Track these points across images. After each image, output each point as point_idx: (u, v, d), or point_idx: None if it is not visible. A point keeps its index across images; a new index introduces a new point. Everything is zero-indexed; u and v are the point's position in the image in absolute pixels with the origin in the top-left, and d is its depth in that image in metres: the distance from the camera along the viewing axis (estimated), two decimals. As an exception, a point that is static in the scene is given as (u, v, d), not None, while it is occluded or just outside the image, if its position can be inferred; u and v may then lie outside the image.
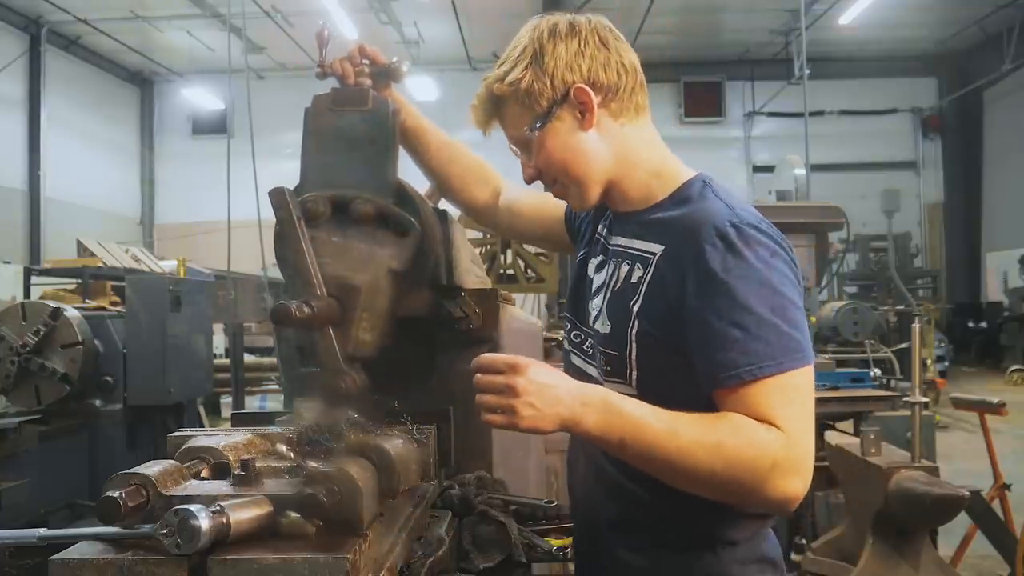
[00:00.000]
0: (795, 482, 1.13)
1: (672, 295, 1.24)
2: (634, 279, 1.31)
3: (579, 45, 1.30)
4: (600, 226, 1.49)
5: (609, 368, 1.33)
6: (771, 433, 1.13)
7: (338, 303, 1.40)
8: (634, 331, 1.28)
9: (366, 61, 1.62)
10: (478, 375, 1.17)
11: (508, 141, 1.41)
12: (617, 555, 1.39)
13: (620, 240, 1.39)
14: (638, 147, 1.36)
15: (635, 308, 1.28)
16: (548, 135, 1.32)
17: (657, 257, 1.29)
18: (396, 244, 1.49)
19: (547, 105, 1.31)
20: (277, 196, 1.41)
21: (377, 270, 1.46)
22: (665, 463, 1.14)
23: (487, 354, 1.19)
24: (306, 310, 1.31)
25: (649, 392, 1.25)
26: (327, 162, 1.54)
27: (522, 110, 1.33)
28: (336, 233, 1.47)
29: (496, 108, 1.37)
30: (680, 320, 1.22)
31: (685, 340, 1.22)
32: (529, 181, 1.41)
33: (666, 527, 1.33)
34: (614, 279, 1.37)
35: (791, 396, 1.16)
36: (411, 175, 1.69)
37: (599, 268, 1.44)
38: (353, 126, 1.55)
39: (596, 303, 1.41)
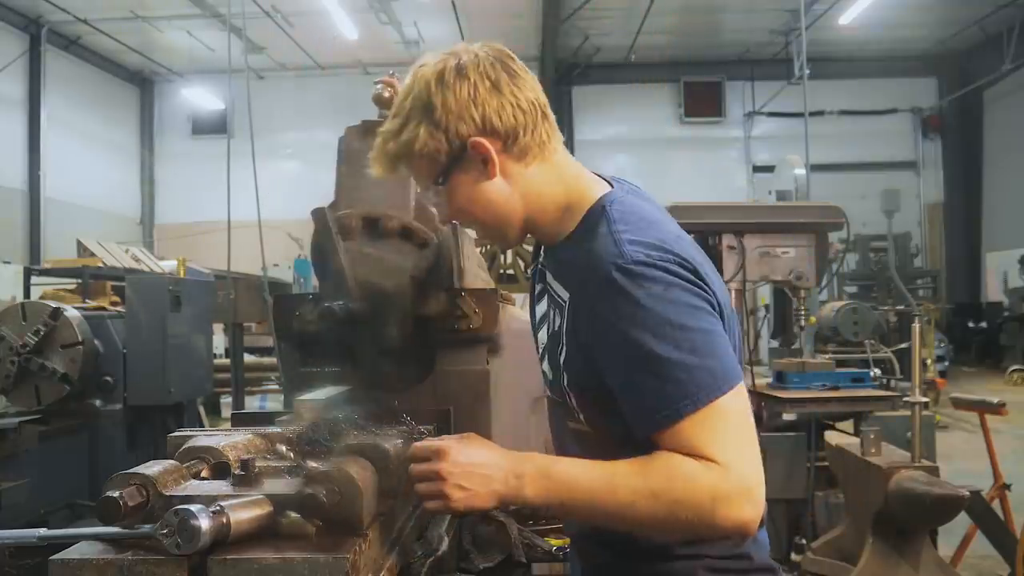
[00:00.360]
0: (743, 509, 1.11)
1: (585, 344, 1.23)
2: (557, 327, 1.31)
3: (469, 93, 1.23)
4: (541, 251, 1.47)
5: (563, 406, 1.34)
6: (705, 468, 1.11)
7: (369, 305, 1.68)
8: (565, 383, 1.29)
9: None
10: (411, 465, 1.19)
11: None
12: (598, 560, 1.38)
13: (549, 275, 1.38)
14: (544, 184, 1.31)
15: (562, 360, 1.29)
16: (453, 188, 1.29)
17: (567, 305, 1.28)
18: (417, 254, 1.74)
19: (446, 161, 1.26)
20: (318, 214, 1.70)
21: (401, 277, 1.72)
22: (609, 518, 1.17)
23: (418, 442, 1.21)
24: (346, 311, 1.62)
25: (601, 428, 1.27)
26: (359, 184, 1.79)
27: (423, 164, 1.27)
28: (367, 245, 1.74)
29: (396, 163, 1.30)
30: (591, 371, 1.23)
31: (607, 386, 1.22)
32: (446, 223, 1.44)
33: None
34: (549, 319, 1.37)
35: (718, 425, 1.13)
36: None
37: (539, 297, 1.43)
38: None
39: (541, 336, 1.41)
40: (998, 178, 16.67)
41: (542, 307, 1.41)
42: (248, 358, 8.08)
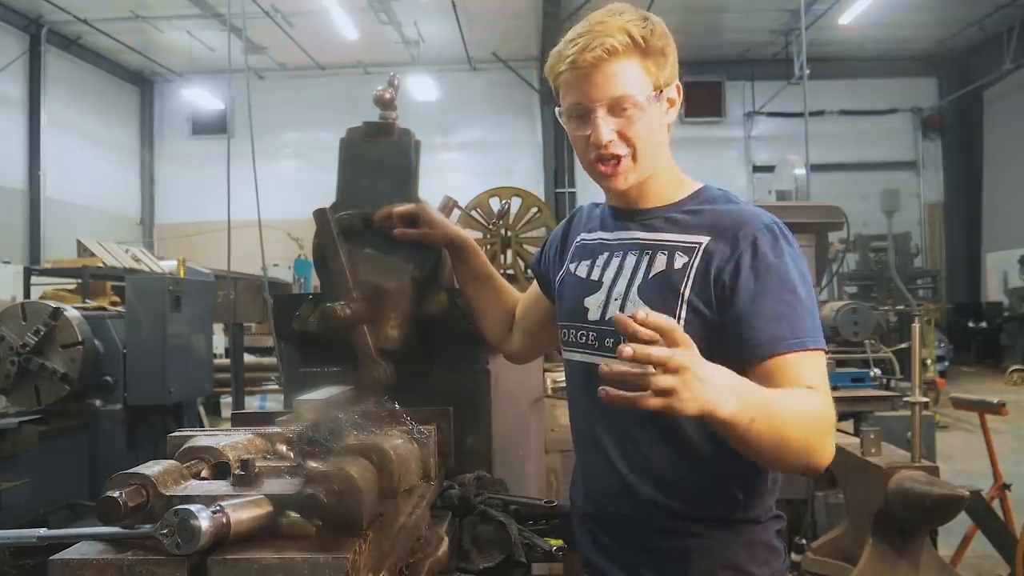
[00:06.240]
0: (833, 443, 1.28)
1: (717, 278, 1.35)
2: (678, 266, 1.40)
3: (676, 55, 1.46)
4: (581, 236, 1.60)
5: None
6: (821, 400, 1.26)
7: (370, 305, 1.67)
8: (683, 312, 1.37)
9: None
10: (635, 349, 1.05)
11: (597, 98, 1.38)
12: (653, 542, 1.44)
13: (638, 234, 1.48)
14: (670, 155, 1.51)
15: (686, 292, 1.38)
16: (651, 111, 1.41)
17: (703, 246, 1.39)
18: (418, 255, 1.74)
19: (662, 85, 1.42)
20: (319, 214, 1.71)
21: (402, 277, 1.71)
22: (780, 435, 1.20)
23: (643, 313, 1.08)
24: (348, 311, 1.63)
25: None
26: (360, 184, 1.80)
27: (643, 74, 1.39)
28: (368, 245, 1.73)
29: (624, 54, 1.37)
30: (719, 299, 1.35)
31: (723, 319, 1.34)
32: (602, 140, 1.39)
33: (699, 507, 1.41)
34: (638, 267, 1.44)
35: (822, 369, 1.32)
36: (428, 192, 1.85)
37: (594, 264, 1.52)
38: (381, 153, 1.81)
39: (601, 294, 1.48)
40: (998, 178, 16.67)
41: (602, 270, 1.50)
42: (248, 358, 8.08)
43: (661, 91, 1.41)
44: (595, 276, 1.50)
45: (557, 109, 1.47)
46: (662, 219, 1.47)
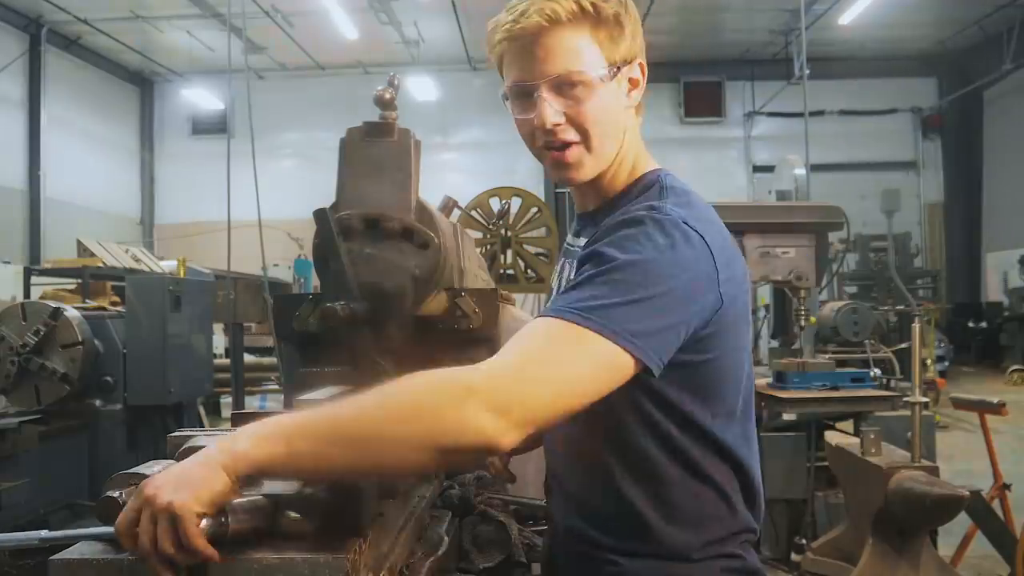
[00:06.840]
0: (488, 417, 0.98)
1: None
2: (570, 276, 1.25)
3: (640, 27, 1.25)
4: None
5: None
6: (465, 370, 1.02)
7: (370, 305, 1.69)
8: None
9: None
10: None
11: (539, 75, 1.18)
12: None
13: (579, 240, 1.34)
14: (636, 137, 1.31)
15: None
16: (606, 91, 1.20)
17: (581, 250, 1.21)
18: (418, 255, 1.75)
19: (619, 61, 1.20)
20: (319, 214, 1.71)
21: (403, 277, 1.73)
22: (337, 445, 0.98)
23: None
24: (348, 311, 1.64)
25: None
26: (360, 184, 1.81)
27: (595, 46, 1.18)
28: (368, 246, 1.74)
29: (570, 23, 1.16)
30: None
31: None
32: (547, 124, 1.19)
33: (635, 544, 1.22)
34: (562, 277, 1.36)
35: (557, 340, 1.04)
36: (428, 192, 1.87)
37: (557, 273, 1.43)
38: (381, 153, 1.82)
39: None
40: (998, 178, 16.67)
41: (565, 270, 1.35)
42: (248, 358, 8.08)
43: (619, 68, 1.20)
44: (553, 285, 1.43)
45: (501, 92, 1.26)
46: (594, 224, 1.29)
